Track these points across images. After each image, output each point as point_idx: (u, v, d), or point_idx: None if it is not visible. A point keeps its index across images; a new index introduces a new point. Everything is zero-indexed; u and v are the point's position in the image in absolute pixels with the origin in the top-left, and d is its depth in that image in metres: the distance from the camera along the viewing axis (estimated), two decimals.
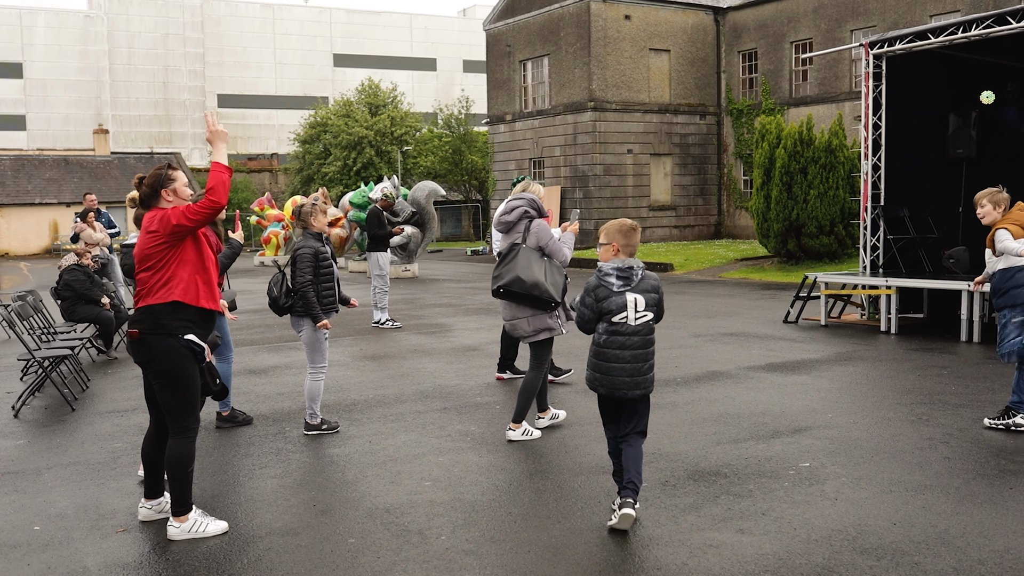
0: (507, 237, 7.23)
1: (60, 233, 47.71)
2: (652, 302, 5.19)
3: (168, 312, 5.11)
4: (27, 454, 7.15)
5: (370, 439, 7.32)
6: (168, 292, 5.11)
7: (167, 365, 5.14)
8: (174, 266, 5.14)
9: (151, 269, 5.14)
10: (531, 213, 7.16)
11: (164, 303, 5.10)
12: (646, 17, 34.37)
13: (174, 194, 5.25)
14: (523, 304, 7.03)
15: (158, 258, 5.13)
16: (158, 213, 5.17)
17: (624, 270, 5.17)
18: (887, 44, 13.48)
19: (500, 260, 7.15)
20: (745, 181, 35.55)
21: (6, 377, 10.63)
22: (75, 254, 12.12)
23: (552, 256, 7.10)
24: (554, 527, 5.23)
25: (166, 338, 5.11)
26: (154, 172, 5.28)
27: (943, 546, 4.82)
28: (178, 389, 5.18)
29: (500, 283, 7.04)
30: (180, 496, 5.23)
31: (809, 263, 22.56)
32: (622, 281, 5.15)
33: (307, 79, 69.52)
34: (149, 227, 5.17)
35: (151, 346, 5.12)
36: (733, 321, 14.27)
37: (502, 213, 7.24)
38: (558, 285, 7.05)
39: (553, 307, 7.05)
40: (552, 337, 7.18)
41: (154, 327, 5.11)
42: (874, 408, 8.10)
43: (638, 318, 5.16)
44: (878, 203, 14.00)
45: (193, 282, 5.18)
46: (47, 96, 62.81)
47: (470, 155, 47.55)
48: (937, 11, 28.63)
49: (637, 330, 5.16)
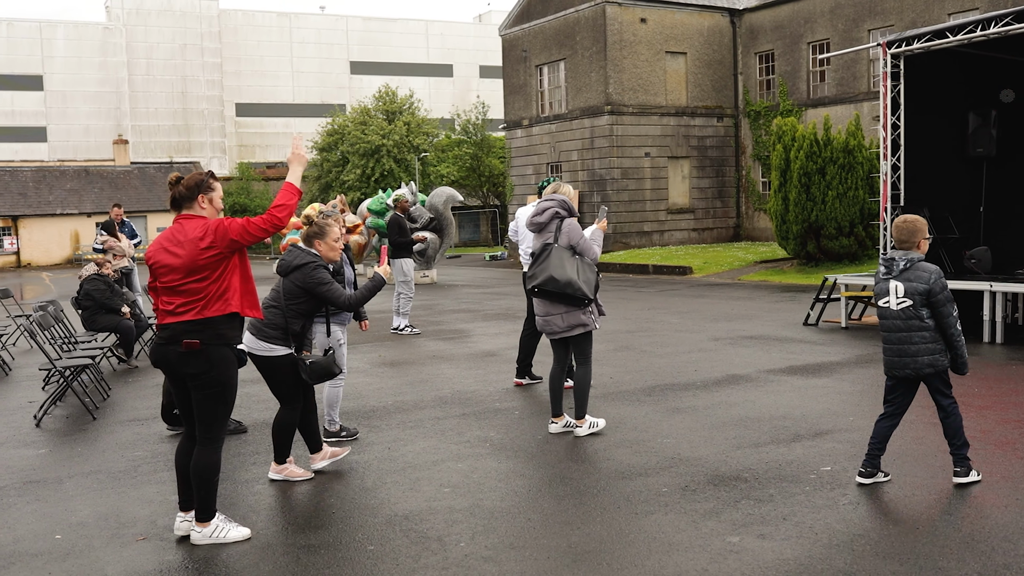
0: (539, 237, 7.43)
1: (81, 243, 48.11)
2: (913, 291, 5.68)
3: (227, 323, 5.14)
4: (48, 463, 7.19)
5: (389, 446, 7.32)
6: (226, 304, 5.11)
7: (225, 375, 5.17)
8: (229, 277, 5.14)
9: (205, 280, 5.08)
10: (562, 213, 7.35)
11: (223, 315, 5.11)
12: (662, 20, 34.30)
13: (209, 203, 5.23)
14: (557, 302, 7.19)
15: (212, 269, 5.09)
16: (208, 224, 5.11)
17: (888, 261, 5.82)
18: (905, 43, 13.38)
19: (533, 260, 7.32)
20: (763, 183, 35.40)
21: (28, 387, 10.70)
22: (95, 264, 12.20)
23: (583, 254, 7.25)
24: (573, 533, 5.21)
25: (224, 348, 5.14)
26: (195, 175, 5.25)
27: (967, 550, 4.76)
28: (226, 398, 5.23)
29: (535, 282, 7.23)
30: (205, 503, 5.25)
31: (829, 265, 22.42)
32: (886, 269, 5.82)
33: (324, 87, 69.80)
34: (203, 238, 5.08)
35: (210, 356, 5.11)
36: (753, 324, 14.20)
37: (534, 214, 7.45)
38: (590, 282, 7.21)
39: (586, 303, 7.19)
40: (590, 331, 7.31)
41: (215, 337, 5.10)
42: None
43: (899, 304, 5.73)
44: (898, 203, 13.89)
45: (246, 291, 5.21)
46: (67, 107, 63.34)
47: (488, 160, 47.61)
48: (955, 9, 28.43)
49: (897, 315, 5.75)
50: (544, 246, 7.28)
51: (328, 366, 6.34)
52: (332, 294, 6.19)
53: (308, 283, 6.16)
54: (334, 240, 6.39)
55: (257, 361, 6.25)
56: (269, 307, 6.22)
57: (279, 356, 6.19)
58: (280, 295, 6.27)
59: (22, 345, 13.92)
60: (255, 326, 6.21)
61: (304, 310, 6.24)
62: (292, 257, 6.30)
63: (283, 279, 6.30)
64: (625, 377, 9.96)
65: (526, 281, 7.39)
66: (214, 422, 5.24)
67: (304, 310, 6.24)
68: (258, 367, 6.30)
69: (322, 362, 6.33)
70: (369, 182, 48.15)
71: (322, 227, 6.40)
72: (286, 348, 6.20)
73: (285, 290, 6.24)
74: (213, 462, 5.23)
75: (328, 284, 6.20)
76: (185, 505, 5.42)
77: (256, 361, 6.26)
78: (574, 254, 7.23)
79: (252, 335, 6.20)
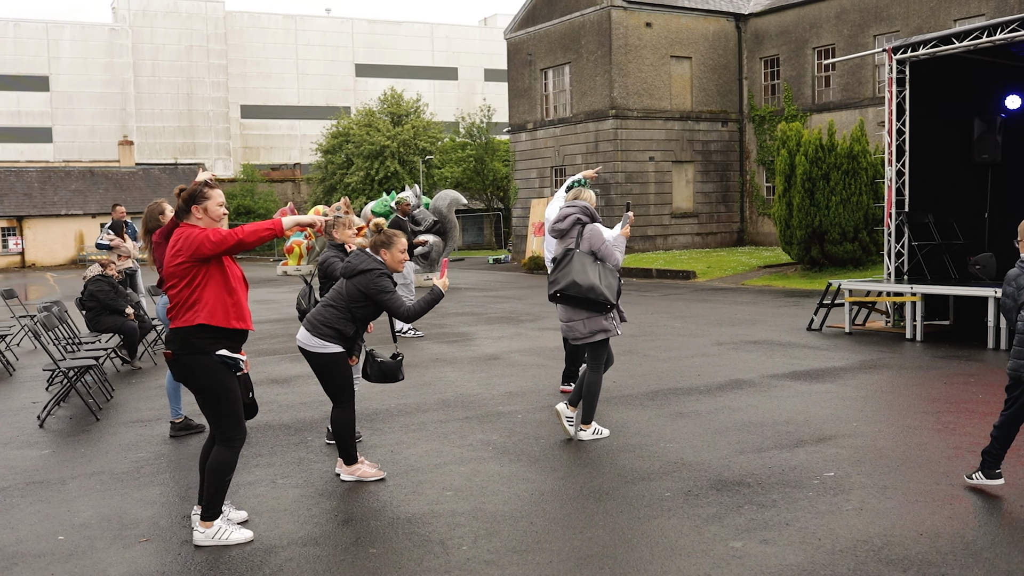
0: (561, 243, 7.43)
1: (86, 244, 48.19)
2: None
3: (195, 334, 5.13)
4: (52, 464, 7.19)
5: (392, 448, 7.32)
6: (194, 315, 5.12)
7: (205, 381, 5.18)
8: (199, 289, 5.13)
9: (175, 288, 5.16)
10: (583, 219, 7.36)
11: (191, 326, 5.12)
12: (667, 24, 34.31)
13: (204, 212, 5.24)
14: (579, 307, 7.20)
15: (180, 277, 5.13)
16: (185, 231, 5.17)
17: None
18: (910, 49, 13.37)
19: (555, 265, 7.33)
20: (768, 188, 35.38)
21: (32, 387, 10.71)
22: (99, 264, 12.22)
23: (605, 260, 7.25)
24: (576, 537, 5.20)
25: (199, 356, 5.14)
26: (191, 187, 5.30)
27: (971, 557, 4.75)
28: (219, 403, 5.23)
29: (557, 288, 7.23)
30: (212, 502, 5.28)
31: (833, 270, 22.40)
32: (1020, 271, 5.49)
33: (329, 89, 69.94)
34: (174, 245, 5.17)
35: (186, 364, 5.16)
36: (756, 329, 14.18)
37: (556, 220, 7.47)
38: (612, 287, 7.20)
39: (608, 309, 7.19)
40: (608, 338, 7.31)
41: (185, 347, 5.14)
42: (899, 417, 8.02)
43: None
44: (902, 209, 13.89)
45: (220, 303, 5.16)
46: (73, 108, 63.51)
47: (492, 163, 47.62)
48: (961, 15, 28.41)
49: None
50: (566, 251, 7.29)
51: (395, 370, 6.43)
52: (393, 303, 6.20)
53: (371, 289, 6.17)
54: (400, 251, 6.36)
55: (310, 357, 6.27)
56: (327, 305, 6.26)
57: (332, 353, 6.20)
58: (341, 295, 6.27)
59: (26, 345, 13.94)
60: (311, 322, 6.24)
61: (362, 315, 6.24)
62: (359, 261, 6.28)
63: (346, 281, 6.29)
64: (628, 381, 9.95)
65: (549, 286, 7.40)
66: (217, 423, 5.27)
67: (362, 315, 6.24)
68: (310, 363, 6.32)
69: (392, 365, 6.41)
70: (373, 184, 48.20)
71: (390, 237, 6.39)
72: (339, 347, 6.21)
73: (348, 293, 6.24)
74: (226, 461, 5.26)
75: (391, 293, 6.20)
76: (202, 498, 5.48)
77: (309, 357, 6.27)
78: (596, 259, 7.23)
79: (307, 331, 6.22)
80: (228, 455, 5.27)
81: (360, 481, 6.36)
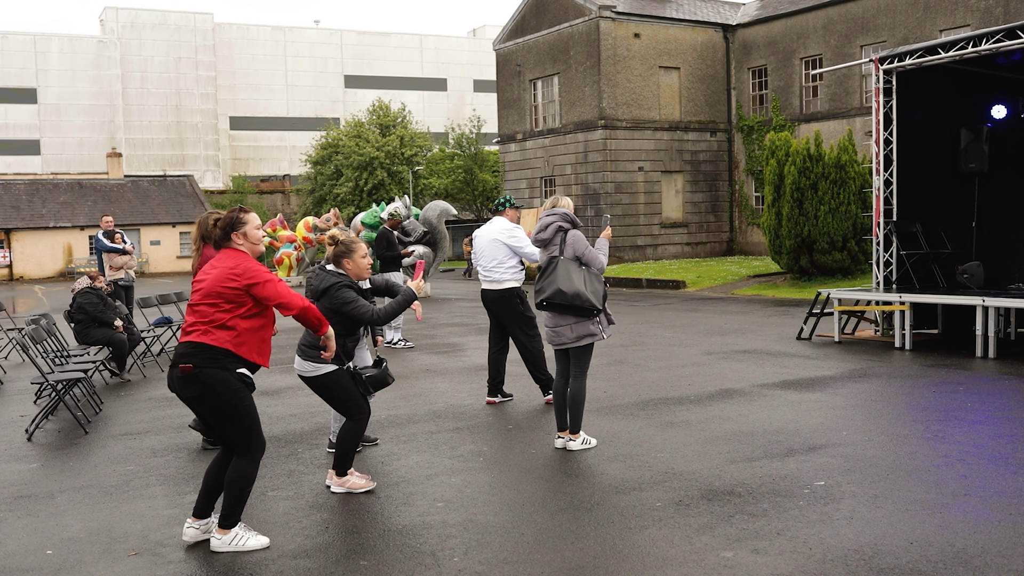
0: (545, 251, 7.47)
1: (74, 256, 48.03)
2: None
3: (223, 354, 5.12)
4: (40, 477, 7.15)
5: (382, 460, 7.30)
6: (223, 337, 5.10)
7: (226, 396, 5.15)
8: (239, 318, 5.14)
9: (214, 307, 5.12)
10: (565, 226, 7.39)
11: (221, 347, 5.10)
12: (655, 35, 34.47)
13: (244, 237, 5.25)
14: (566, 313, 7.24)
15: (227, 300, 5.11)
16: (244, 260, 5.17)
17: None
18: (897, 59, 13.46)
19: (540, 274, 7.36)
20: (757, 198, 35.52)
21: (20, 400, 10.66)
22: (88, 277, 12.17)
23: (589, 265, 7.27)
24: (567, 548, 5.20)
25: (220, 371, 5.12)
26: (227, 215, 5.29)
27: (961, 566, 4.76)
28: (237, 419, 5.21)
29: (543, 296, 7.25)
30: (231, 511, 5.28)
31: (822, 279, 22.49)
32: None
33: (318, 100, 69.97)
34: (233, 268, 5.13)
35: (206, 379, 5.11)
36: (746, 338, 14.21)
37: (537, 230, 7.50)
38: (598, 293, 7.22)
39: (595, 314, 7.21)
40: (593, 343, 7.35)
41: (208, 360, 5.10)
42: (889, 425, 8.04)
43: None
44: (890, 218, 13.95)
45: (253, 337, 5.19)
46: (61, 121, 63.38)
47: (481, 174, 47.67)
48: (947, 26, 28.61)
49: None
50: (550, 259, 7.32)
51: (383, 377, 6.43)
52: (358, 311, 6.20)
53: (335, 304, 6.19)
54: (361, 257, 6.38)
55: (308, 382, 6.31)
56: None
57: (325, 375, 6.21)
58: None
59: (14, 359, 13.88)
60: (301, 347, 6.26)
61: (340, 330, 6.23)
62: (319, 281, 6.31)
63: (316, 303, 6.31)
64: (618, 391, 9.95)
65: (535, 295, 7.42)
66: (235, 439, 5.26)
67: (340, 330, 6.23)
68: (311, 387, 6.36)
69: (378, 374, 6.42)
70: (362, 195, 48.20)
71: (348, 245, 6.38)
72: (330, 366, 6.21)
73: (323, 312, 6.24)
74: (248, 473, 5.27)
75: (353, 302, 6.20)
76: (199, 512, 5.44)
77: (307, 383, 6.32)
78: (580, 265, 7.26)
79: (299, 357, 6.26)
80: (249, 467, 5.28)
81: (350, 492, 6.35)
